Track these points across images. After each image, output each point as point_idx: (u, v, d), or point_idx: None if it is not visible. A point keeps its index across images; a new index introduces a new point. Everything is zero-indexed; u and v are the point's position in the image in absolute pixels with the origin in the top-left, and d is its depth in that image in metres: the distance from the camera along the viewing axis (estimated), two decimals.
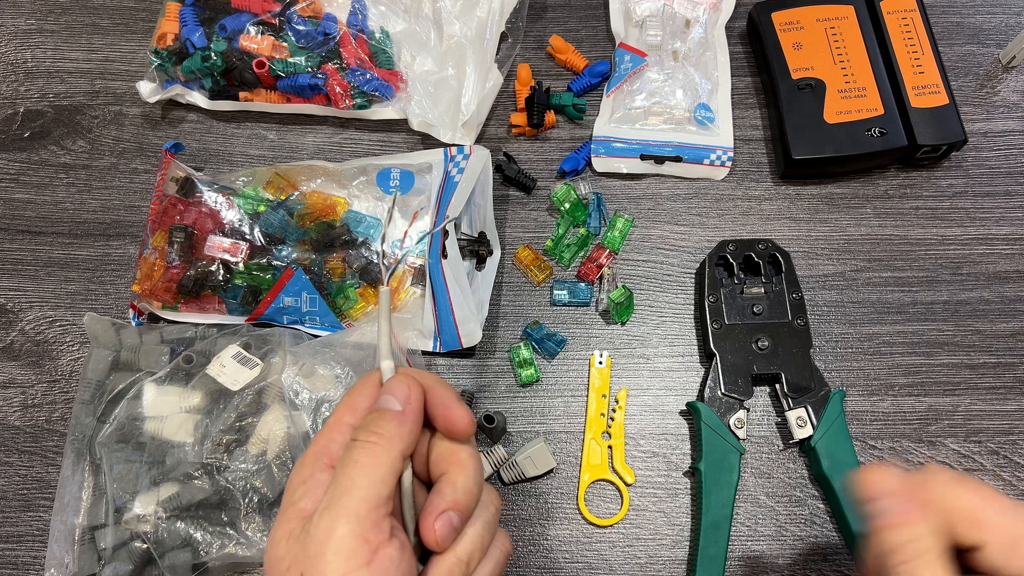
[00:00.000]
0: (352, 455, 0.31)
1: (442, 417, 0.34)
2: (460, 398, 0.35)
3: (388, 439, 0.31)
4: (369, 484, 0.30)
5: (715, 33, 0.60)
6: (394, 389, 0.33)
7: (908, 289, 0.53)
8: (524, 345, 0.51)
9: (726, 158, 0.56)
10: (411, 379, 0.34)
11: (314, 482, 0.32)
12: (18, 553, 0.48)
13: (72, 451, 0.47)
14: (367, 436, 0.31)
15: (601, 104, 0.58)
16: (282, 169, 0.54)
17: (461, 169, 0.52)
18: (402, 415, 0.32)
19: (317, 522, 0.30)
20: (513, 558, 0.47)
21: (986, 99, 0.59)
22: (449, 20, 0.58)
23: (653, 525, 0.48)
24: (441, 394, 0.34)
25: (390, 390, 0.33)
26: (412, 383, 0.34)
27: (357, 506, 0.29)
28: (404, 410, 0.33)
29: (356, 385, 0.35)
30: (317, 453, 0.33)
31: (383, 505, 0.30)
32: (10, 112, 0.60)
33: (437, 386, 0.35)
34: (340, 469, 0.31)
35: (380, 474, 0.30)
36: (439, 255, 0.50)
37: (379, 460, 0.31)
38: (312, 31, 0.57)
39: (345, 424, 0.33)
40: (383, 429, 0.32)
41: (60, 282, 0.55)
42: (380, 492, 0.30)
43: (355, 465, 0.31)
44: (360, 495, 0.30)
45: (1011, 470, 0.49)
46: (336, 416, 0.34)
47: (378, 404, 0.33)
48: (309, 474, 0.32)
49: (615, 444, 0.49)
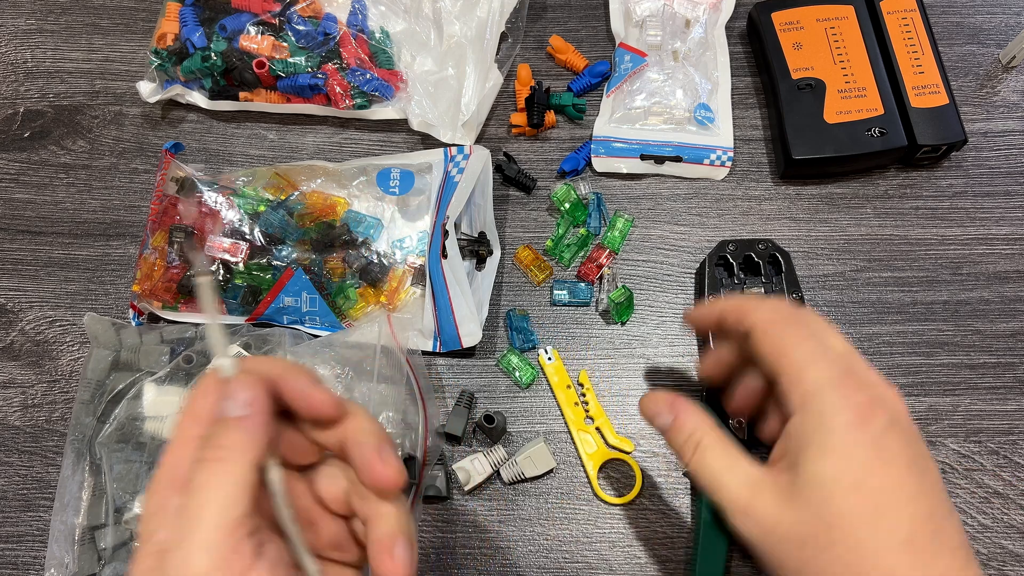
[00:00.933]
0: (198, 478, 0.28)
1: (303, 406, 0.31)
2: (318, 380, 0.31)
3: (235, 451, 0.28)
4: (220, 508, 0.27)
5: (715, 33, 0.60)
6: (234, 392, 0.30)
7: (908, 289, 0.53)
8: (510, 352, 0.51)
9: (726, 158, 0.56)
10: (252, 376, 0.30)
11: (168, 510, 0.29)
12: (18, 553, 0.48)
13: (72, 451, 0.47)
14: (210, 453, 0.28)
15: (601, 104, 0.58)
16: (282, 169, 0.54)
17: (461, 169, 0.52)
18: (246, 421, 0.29)
19: (171, 558, 0.27)
20: (513, 558, 0.47)
21: (986, 99, 0.59)
22: (449, 20, 0.58)
23: (653, 525, 0.48)
24: (295, 382, 0.31)
25: (230, 394, 0.29)
26: (253, 381, 0.30)
27: (211, 535, 0.27)
28: (247, 414, 0.29)
29: (196, 388, 0.31)
30: (166, 477, 0.30)
31: (240, 526, 0.27)
32: (10, 112, 0.60)
33: (289, 373, 0.31)
34: (188, 495, 0.28)
35: (230, 494, 0.28)
36: (439, 255, 0.50)
37: (227, 478, 0.28)
38: (312, 31, 0.57)
39: (191, 438, 0.30)
40: (227, 441, 0.28)
41: (60, 282, 0.55)
42: (234, 514, 0.27)
43: (202, 489, 0.28)
44: (212, 522, 0.27)
45: (1011, 470, 0.49)
46: (180, 430, 0.30)
47: (219, 412, 0.29)
48: (162, 501, 0.29)
49: (601, 424, 0.49)
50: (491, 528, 0.48)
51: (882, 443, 0.34)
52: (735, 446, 0.39)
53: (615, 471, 0.49)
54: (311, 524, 0.33)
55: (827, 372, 0.35)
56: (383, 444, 0.31)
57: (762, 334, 0.37)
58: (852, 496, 0.33)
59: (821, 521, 0.33)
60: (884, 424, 0.34)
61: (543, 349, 0.51)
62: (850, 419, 0.34)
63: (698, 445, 0.39)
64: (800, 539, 0.34)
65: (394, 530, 0.31)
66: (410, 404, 0.48)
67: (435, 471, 0.48)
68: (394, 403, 0.47)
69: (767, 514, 0.35)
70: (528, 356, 0.52)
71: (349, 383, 0.47)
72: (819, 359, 0.35)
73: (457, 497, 0.48)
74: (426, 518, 0.48)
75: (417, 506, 0.47)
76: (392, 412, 0.47)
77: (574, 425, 0.49)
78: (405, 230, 0.54)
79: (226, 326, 0.50)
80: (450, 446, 0.50)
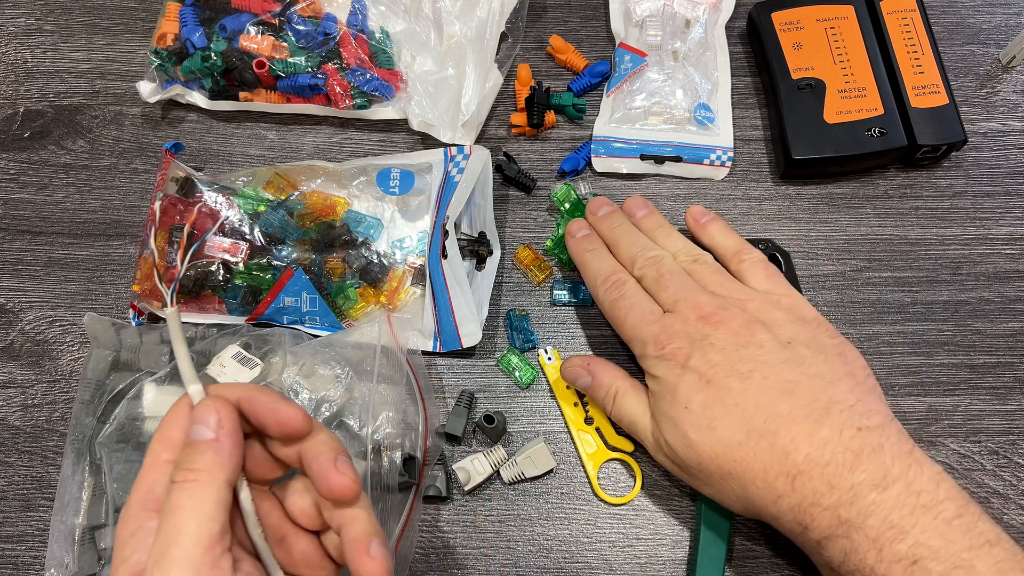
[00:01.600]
0: (173, 499, 0.29)
1: (273, 422, 0.32)
2: (285, 398, 0.33)
3: (207, 472, 0.30)
4: (196, 526, 0.28)
5: (715, 33, 0.60)
6: (202, 416, 0.31)
7: (908, 289, 0.53)
8: (510, 352, 0.51)
9: (726, 158, 0.56)
10: (219, 399, 0.32)
11: (143, 532, 0.30)
12: (18, 553, 0.48)
13: (72, 451, 0.47)
14: (184, 476, 0.30)
15: (601, 104, 0.58)
16: (282, 169, 0.54)
17: (461, 169, 0.52)
18: (216, 443, 0.30)
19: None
20: (513, 558, 0.47)
21: (986, 99, 0.59)
22: (449, 20, 0.58)
23: (653, 525, 0.48)
24: (263, 400, 0.32)
25: (198, 418, 0.31)
26: (220, 403, 0.31)
27: (188, 553, 0.28)
28: (217, 436, 0.31)
29: (166, 416, 0.33)
30: (141, 500, 0.31)
31: (217, 543, 0.28)
32: (10, 112, 0.60)
33: (256, 393, 0.33)
34: (164, 517, 0.29)
35: (206, 512, 0.29)
36: (439, 255, 0.50)
37: (202, 498, 0.29)
38: (312, 31, 0.57)
39: (163, 462, 0.31)
40: (199, 463, 0.30)
41: (60, 282, 0.55)
42: (211, 531, 0.28)
43: (178, 510, 0.29)
44: (190, 540, 0.28)
45: (1011, 470, 0.49)
46: (152, 454, 0.32)
47: (190, 436, 0.31)
48: (137, 525, 0.30)
49: (601, 424, 0.49)
50: (491, 528, 0.48)
51: (688, 371, 0.41)
52: (645, 392, 0.44)
53: (615, 471, 0.49)
54: (282, 540, 0.33)
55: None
56: (339, 455, 0.32)
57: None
58: (692, 423, 0.40)
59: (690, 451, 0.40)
60: (685, 358, 0.41)
61: (543, 349, 0.51)
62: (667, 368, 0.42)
63: (616, 395, 0.45)
64: (685, 466, 0.41)
65: (367, 531, 0.31)
66: (410, 404, 0.48)
67: (435, 471, 0.48)
68: (394, 403, 0.47)
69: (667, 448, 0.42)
70: (528, 356, 0.52)
71: (349, 383, 0.47)
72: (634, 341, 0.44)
73: (457, 497, 0.48)
74: (426, 518, 0.48)
75: (417, 506, 0.47)
76: (392, 412, 0.47)
77: (574, 425, 0.49)
78: (405, 230, 0.54)
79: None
80: (450, 446, 0.50)
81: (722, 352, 0.40)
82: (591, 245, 0.49)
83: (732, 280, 0.45)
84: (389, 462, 0.46)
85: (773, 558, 0.47)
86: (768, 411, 0.39)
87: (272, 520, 0.33)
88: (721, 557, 0.45)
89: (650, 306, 0.44)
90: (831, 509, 0.36)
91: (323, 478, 0.32)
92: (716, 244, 0.48)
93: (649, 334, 0.43)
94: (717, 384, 0.40)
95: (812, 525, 0.37)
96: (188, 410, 0.32)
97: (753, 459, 0.38)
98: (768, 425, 0.38)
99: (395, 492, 0.46)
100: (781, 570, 0.46)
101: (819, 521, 0.37)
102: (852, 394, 0.39)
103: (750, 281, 0.45)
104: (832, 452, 0.37)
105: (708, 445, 0.39)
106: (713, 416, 0.39)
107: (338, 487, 0.31)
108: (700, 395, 0.40)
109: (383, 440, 0.46)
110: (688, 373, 0.41)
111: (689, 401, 0.40)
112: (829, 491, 0.36)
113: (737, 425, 0.39)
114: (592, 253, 0.48)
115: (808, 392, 0.39)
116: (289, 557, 0.33)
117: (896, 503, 0.35)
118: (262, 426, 0.32)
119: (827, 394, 0.39)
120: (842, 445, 0.37)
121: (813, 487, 0.37)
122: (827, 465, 0.37)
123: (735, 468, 0.39)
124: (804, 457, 0.37)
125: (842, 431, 0.37)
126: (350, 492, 0.32)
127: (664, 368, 0.42)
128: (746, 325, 0.41)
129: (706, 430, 0.39)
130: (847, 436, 0.37)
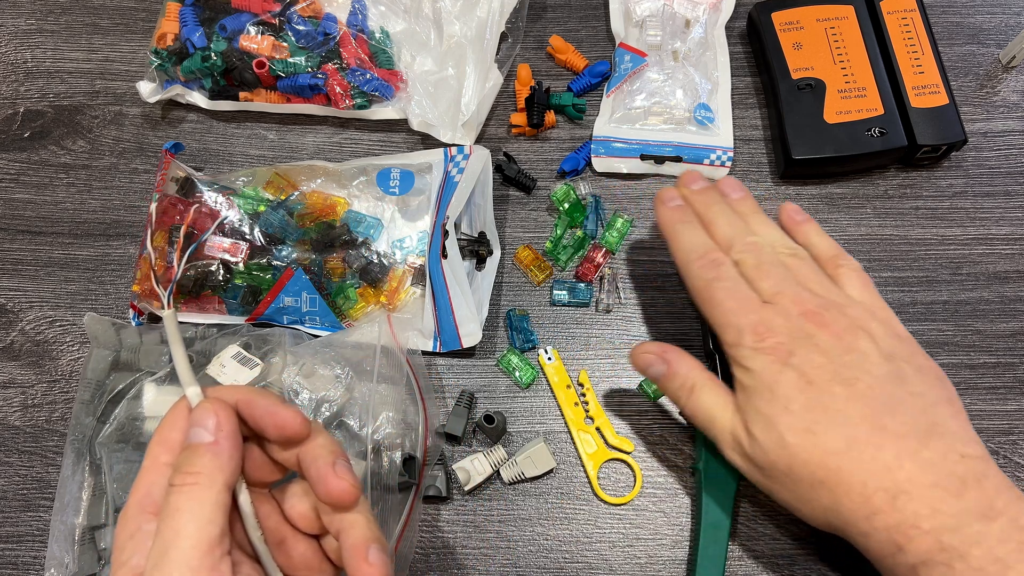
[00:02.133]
0: (172, 502, 0.29)
1: (271, 426, 0.32)
2: (284, 400, 0.33)
3: (206, 475, 0.29)
4: (196, 529, 0.28)
5: (715, 33, 0.60)
6: (201, 419, 0.31)
7: (908, 289, 0.53)
8: (510, 352, 0.51)
9: (726, 158, 0.56)
10: (217, 402, 0.31)
11: (142, 535, 0.30)
12: (18, 553, 0.48)
13: (72, 451, 0.47)
14: (183, 479, 0.29)
15: (601, 104, 0.58)
16: (282, 169, 0.54)
17: (461, 169, 0.52)
18: (215, 446, 0.30)
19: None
20: (513, 558, 0.47)
21: (986, 99, 0.59)
22: (449, 20, 0.58)
23: (653, 525, 0.48)
24: (261, 403, 0.32)
25: (197, 421, 0.31)
26: (219, 406, 0.31)
27: (188, 556, 0.28)
28: (216, 439, 0.30)
29: (165, 418, 0.33)
30: (139, 502, 0.31)
31: (217, 546, 0.28)
32: (10, 112, 0.60)
33: (255, 396, 0.32)
34: (163, 520, 0.29)
35: (206, 515, 0.29)
36: (439, 255, 0.50)
37: (201, 500, 0.29)
38: (312, 31, 0.57)
39: (162, 464, 0.31)
40: (198, 466, 0.30)
41: (60, 282, 0.55)
42: (211, 534, 0.28)
43: (177, 513, 0.29)
44: (189, 543, 0.28)
45: (1011, 470, 0.49)
46: (151, 457, 0.31)
47: (188, 439, 0.31)
48: (136, 527, 0.30)
49: (600, 424, 0.49)
50: (491, 528, 0.48)
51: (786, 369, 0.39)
52: (724, 387, 0.42)
53: (615, 471, 0.49)
54: (281, 544, 0.33)
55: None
56: (338, 458, 0.32)
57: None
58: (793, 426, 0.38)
59: (783, 452, 0.38)
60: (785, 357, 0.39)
61: (543, 349, 0.51)
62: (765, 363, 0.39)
63: (692, 388, 0.42)
64: (772, 468, 0.39)
65: (367, 536, 0.31)
66: (410, 404, 0.48)
67: (435, 471, 0.48)
68: (394, 403, 0.47)
69: (749, 449, 0.40)
70: (528, 356, 0.52)
71: (349, 383, 0.47)
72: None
73: (457, 497, 0.48)
74: (426, 518, 0.48)
75: (417, 506, 0.47)
76: (392, 412, 0.47)
77: (574, 425, 0.50)
78: (405, 230, 0.54)
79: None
80: (450, 446, 0.50)
81: (826, 355, 0.39)
82: (685, 217, 0.46)
83: (831, 282, 0.43)
84: (389, 462, 0.46)
85: (773, 558, 0.47)
86: (872, 423, 0.37)
87: (271, 523, 0.33)
88: (721, 557, 0.45)
89: (748, 293, 0.42)
90: (932, 533, 0.35)
91: (321, 482, 0.31)
92: (812, 244, 0.46)
93: (747, 323, 0.40)
94: (820, 387, 0.38)
95: (909, 548, 0.35)
96: (187, 412, 0.32)
97: (853, 470, 0.36)
98: (872, 438, 0.36)
99: (395, 492, 0.46)
100: (781, 570, 0.46)
101: (918, 544, 0.35)
102: (954, 420, 0.38)
103: (846, 288, 0.43)
104: (937, 475, 0.35)
105: (805, 449, 0.37)
106: (815, 420, 0.37)
107: (336, 492, 0.31)
108: (802, 396, 0.38)
109: (383, 440, 0.46)
110: (788, 371, 0.38)
111: (790, 402, 0.38)
112: (932, 514, 0.35)
113: (839, 433, 0.37)
114: (685, 225, 0.45)
115: (911, 410, 0.37)
116: (288, 560, 0.33)
117: (1001, 536, 0.34)
118: (260, 429, 0.32)
119: (928, 416, 0.37)
120: (947, 469, 0.35)
121: (915, 508, 0.35)
122: (932, 487, 0.35)
123: (830, 477, 0.37)
124: (907, 476, 0.35)
125: (946, 455, 0.36)
126: (349, 497, 0.31)
127: (761, 362, 0.39)
128: (850, 330, 0.39)
129: (805, 433, 0.37)
130: (951, 461, 0.36)
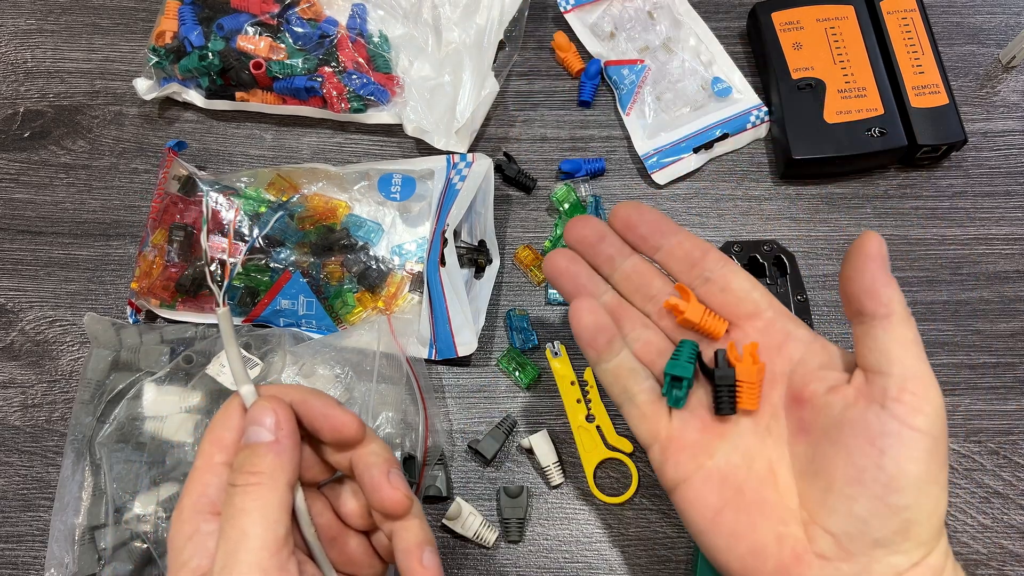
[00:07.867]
0: (236, 503, 0.29)
1: (327, 428, 0.31)
2: (339, 404, 0.32)
3: (270, 475, 0.29)
4: (263, 530, 0.28)
5: (680, 10, 0.60)
6: (259, 417, 0.30)
7: (908, 289, 0.53)
8: (510, 352, 0.51)
9: (763, 114, 0.57)
10: (276, 400, 0.31)
11: (201, 536, 0.29)
12: (18, 553, 0.48)
13: (72, 451, 0.47)
14: (246, 479, 0.29)
15: (626, 125, 0.58)
16: (284, 171, 0.54)
17: (463, 177, 0.52)
18: (276, 445, 0.30)
19: None
20: (513, 558, 0.47)
21: (986, 99, 0.59)
22: (448, 26, 0.58)
23: (653, 525, 0.48)
24: (317, 404, 0.32)
25: (255, 419, 0.30)
26: (278, 405, 0.31)
27: (257, 557, 0.27)
28: (277, 438, 0.30)
29: (217, 417, 0.32)
30: (194, 503, 0.30)
31: (284, 546, 0.28)
32: (10, 112, 0.60)
33: (310, 397, 0.32)
34: (227, 521, 0.28)
35: (272, 516, 0.28)
36: (437, 263, 0.50)
37: (267, 501, 0.29)
38: (310, 32, 0.57)
39: (217, 464, 0.31)
40: (260, 466, 0.29)
41: (60, 282, 0.55)
42: (277, 535, 0.28)
43: (242, 513, 0.28)
44: (257, 544, 0.28)
45: (1011, 470, 0.49)
46: (204, 456, 0.31)
47: (246, 438, 0.30)
48: (194, 528, 0.30)
49: (601, 423, 0.49)
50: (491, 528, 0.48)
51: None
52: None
53: (613, 471, 0.49)
54: (333, 541, 0.34)
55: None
56: (392, 467, 0.32)
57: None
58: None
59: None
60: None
61: (550, 344, 0.51)
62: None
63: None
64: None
65: (420, 539, 0.32)
66: (410, 404, 0.48)
67: (435, 471, 0.48)
68: (394, 403, 0.47)
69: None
70: (529, 356, 0.52)
71: (349, 383, 0.47)
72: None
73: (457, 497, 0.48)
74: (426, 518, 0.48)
75: None
76: (392, 412, 0.47)
77: (575, 422, 0.49)
78: (405, 236, 0.54)
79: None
80: (476, 463, 0.49)
81: None
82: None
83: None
84: None
85: None
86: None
87: (324, 520, 0.33)
88: None
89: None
90: None
91: (376, 491, 0.31)
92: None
93: None
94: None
95: None
96: (240, 411, 0.32)
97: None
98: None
99: None
100: None
101: None
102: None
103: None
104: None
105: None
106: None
107: (390, 502, 0.31)
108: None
109: (383, 440, 0.46)
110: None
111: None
112: None
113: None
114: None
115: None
116: (340, 556, 0.33)
117: None
118: (315, 430, 0.32)
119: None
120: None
121: None
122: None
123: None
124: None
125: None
126: (403, 507, 0.32)
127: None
128: None
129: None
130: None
